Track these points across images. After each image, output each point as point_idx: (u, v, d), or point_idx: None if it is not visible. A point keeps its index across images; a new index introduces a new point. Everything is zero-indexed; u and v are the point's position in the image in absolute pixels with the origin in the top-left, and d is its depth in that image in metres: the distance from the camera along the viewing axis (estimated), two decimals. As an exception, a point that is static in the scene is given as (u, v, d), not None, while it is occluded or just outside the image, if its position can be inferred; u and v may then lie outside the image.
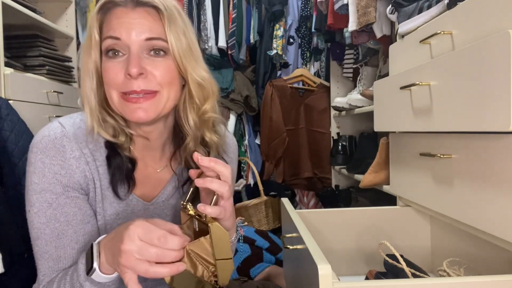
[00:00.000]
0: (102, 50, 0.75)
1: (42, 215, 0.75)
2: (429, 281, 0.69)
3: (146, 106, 0.74)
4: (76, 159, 0.76)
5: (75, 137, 0.77)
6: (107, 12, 0.75)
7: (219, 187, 0.70)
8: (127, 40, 0.73)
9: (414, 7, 1.16)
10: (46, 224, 0.75)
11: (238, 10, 2.73)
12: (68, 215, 0.76)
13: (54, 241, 0.76)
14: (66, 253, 0.76)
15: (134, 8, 0.74)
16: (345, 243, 1.23)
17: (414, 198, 1.15)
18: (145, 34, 0.73)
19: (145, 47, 0.74)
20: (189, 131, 0.81)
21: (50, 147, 0.75)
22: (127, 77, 0.72)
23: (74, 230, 0.77)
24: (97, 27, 0.75)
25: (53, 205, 0.75)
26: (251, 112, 2.87)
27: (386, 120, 1.26)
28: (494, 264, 0.92)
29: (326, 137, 2.52)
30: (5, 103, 1.46)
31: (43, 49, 2.03)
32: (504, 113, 0.70)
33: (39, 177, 0.75)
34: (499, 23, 0.77)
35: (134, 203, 0.83)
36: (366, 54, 2.07)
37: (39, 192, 0.75)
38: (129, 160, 0.81)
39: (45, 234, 0.75)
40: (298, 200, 2.76)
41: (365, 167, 1.67)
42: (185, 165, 0.86)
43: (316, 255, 0.71)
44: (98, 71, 0.76)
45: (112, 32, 0.73)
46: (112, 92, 0.75)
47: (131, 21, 0.73)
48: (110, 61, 0.74)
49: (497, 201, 0.77)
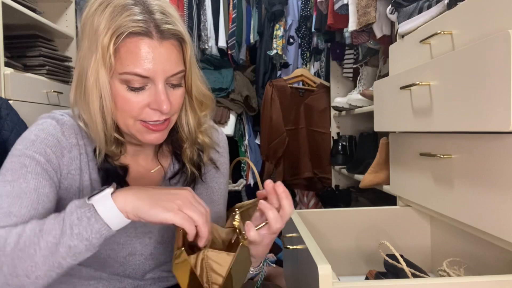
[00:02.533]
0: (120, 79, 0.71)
1: (10, 174, 0.71)
2: (429, 281, 0.70)
3: (162, 132, 0.76)
4: (71, 145, 0.77)
5: (73, 127, 0.78)
6: (129, 37, 0.69)
7: (273, 219, 0.70)
8: (155, 78, 0.71)
9: (414, 7, 1.16)
10: (10, 182, 0.70)
11: (238, 10, 2.73)
12: (39, 183, 0.71)
13: (12, 198, 0.69)
14: (20, 212, 0.69)
15: (161, 42, 0.70)
16: (345, 243, 1.23)
17: (414, 198, 1.15)
18: (172, 70, 0.72)
19: (167, 80, 0.73)
20: (187, 137, 0.84)
21: (50, 128, 0.76)
22: (153, 110, 0.73)
23: (38, 198, 0.71)
24: (112, 50, 0.68)
25: (27, 168, 0.71)
26: (251, 112, 2.87)
27: (386, 120, 1.26)
28: (494, 264, 0.92)
29: (326, 137, 2.52)
30: (5, 103, 1.46)
31: (43, 49, 2.03)
32: (504, 113, 0.70)
33: (26, 145, 0.73)
34: (499, 23, 0.77)
35: None
36: (366, 54, 2.07)
37: (18, 156, 0.72)
38: (119, 167, 0.80)
39: (3, 190, 0.70)
40: (298, 200, 2.76)
41: (365, 167, 1.67)
42: (174, 158, 0.88)
43: (316, 255, 0.71)
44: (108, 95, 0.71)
45: (140, 70, 0.69)
46: (128, 120, 0.74)
47: (160, 58, 0.70)
48: (132, 94, 0.71)
49: (497, 201, 0.77)
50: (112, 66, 0.69)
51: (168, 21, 0.71)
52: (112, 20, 0.68)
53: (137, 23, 0.68)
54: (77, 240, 0.62)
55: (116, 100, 0.72)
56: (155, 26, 0.70)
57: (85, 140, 0.79)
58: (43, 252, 0.62)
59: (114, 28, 0.68)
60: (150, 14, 0.70)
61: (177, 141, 0.85)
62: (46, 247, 0.62)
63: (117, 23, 0.68)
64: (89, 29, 0.71)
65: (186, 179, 0.87)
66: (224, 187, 0.95)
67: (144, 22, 0.69)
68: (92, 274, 0.83)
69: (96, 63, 0.69)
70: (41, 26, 2.07)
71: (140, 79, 0.70)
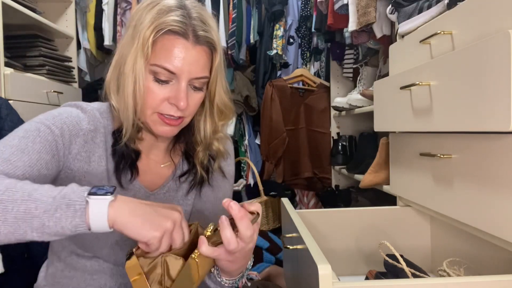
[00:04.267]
0: (149, 69, 0.78)
1: (22, 132, 0.75)
2: (429, 281, 0.70)
3: (174, 127, 0.82)
4: (89, 131, 0.82)
5: (93, 115, 0.84)
6: (167, 34, 0.77)
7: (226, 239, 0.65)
8: (180, 75, 0.78)
9: (414, 7, 1.16)
10: (19, 137, 0.73)
11: (238, 10, 2.73)
12: (44, 148, 0.74)
13: (15, 149, 0.71)
14: (17, 163, 0.70)
15: (195, 46, 0.78)
16: (345, 243, 1.23)
17: (414, 198, 1.14)
18: (197, 73, 0.79)
19: (190, 82, 0.80)
20: (202, 141, 0.89)
21: (73, 113, 0.81)
22: (171, 104, 0.79)
23: (37, 160, 0.73)
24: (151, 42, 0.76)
25: (40, 133, 0.75)
26: (251, 112, 2.87)
27: (386, 120, 1.26)
28: (494, 264, 0.92)
29: (326, 137, 2.52)
30: (5, 103, 1.46)
31: (43, 49, 2.03)
32: (504, 113, 0.70)
33: (47, 117, 0.79)
34: (499, 23, 0.77)
35: (137, 189, 0.86)
36: (366, 54, 2.07)
37: (36, 122, 0.77)
38: (133, 151, 0.85)
39: (11, 142, 0.73)
40: (298, 200, 2.76)
41: (365, 167, 1.67)
42: (185, 157, 0.92)
43: (316, 255, 0.71)
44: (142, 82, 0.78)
45: (169, 66, 0.77)
46: (147, 109, 0.80)
47: (189, 59, 0.77)
48: (156, 85, 0.78)
49: (497, 201, 0.77)
50: (149, 56, 0.76)
51: (205, 29, 0.79)
52: (157, 16, 0.77)
53: (177, 23, 0.76)
54: (53, 222, 0.61)
55: (144, 91, 0.78)
56: (192, 31, 0.77)
57: (105, 129, 0.84)
58: (18, 214, 0.60)
59: (156, 24, 0.76)
60: (191, 19, 0.78)
61: (191, 143, 0.91)
62: (23, 212, 0.61)
63: (160, 20, 0.76)
64: (136, 21, 0.79)
65: (193, 180, 0.91)
66: (229, 192, 0.99)
67: (184, 24, 0.77)
68: (96, 268, 0.85)
69: (136, 51, 0.76)
70: (41, 26, 2.07)
71: (167, 73, 0.77)
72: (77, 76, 2.41)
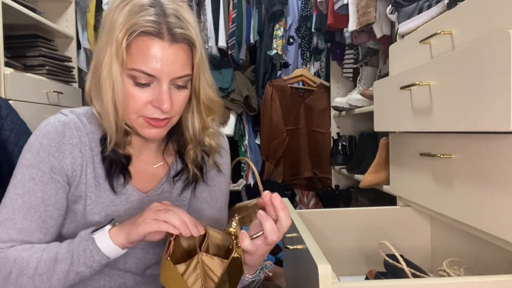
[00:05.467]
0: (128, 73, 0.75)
1: (21, 186, 0.78)
2: (429, 281, 0.69)
3: (161, 129, 0.80)
4: (72, 146, 0.80)
5: (76, 126, 0.82)
6: (140, 36, 0.73)
7: (269, 230, 0.69)
8: (160, 77, 0.75)
9: (414, 7, 1.16)
10: (21, 195, 0.77)
11: (238, 10, 2.73)
12: (46, 193, 0.78)
13: (24, 212, 0.77)
14: (31, 226, 0.77)
15: (171, 45, 0.74)
16: (345, 243, 1.23)
17: (414, 198, 1.14)
18: (178, 73, 0.76)
19: (172, 81, 0.77)
20: (192, 138, 0.87)
21: (52, 131, 0.80)
22: (155, 107, 0.76)
23: (45, 210, 0.78)
24: (125, 45, 0.73)
25: (35, 180, 0.78)
26: (251, 112, 2.87)
27: (386, 120, 1.26)
28: (494, 264, 0.92)
29: (326, 137, 2.52)
30: (5, 103, 1.46)
31: (43, 49, 2.03)
32: (504, 113, 0.70)
33: (32, 155, 0.79)
34: (499, 23, 0.76)
35: (130, 192, 0.86)
36: (366, 54, 2.07)
37: (27, 166, 0.78)
38: (123, 156, 0.83)
39: (16, 204, 0.77)
40: (298, 200, 2.76)
41: (365, 167, 1.67)
42: (178, 156, 0.91)
43: (316, 255, 0.71)
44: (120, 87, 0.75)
45: (147, 69, 0.73)
46: (131, 114, 0.78)
47: (168, 59, 0.74)
48: (137, 89, 0.76)
49: (497, 201, 0.77)
50: (124, 61, 0.74)
51: (181, 26, 0.75)
52: (129, 17, 0.73)
53: (150, 23, 0.72)
54: (83, 267, 0.74)
55: (126, 97, 0.76)
56: (167, 29, 0.73)
57: (89, 136, 0.83)
58: (58, 276, 0.74)
59: (128, 25, 0.73)
60: (165, 16, 0.74)
61: (183, 141, 0.88)
62: (60, 272, 0.74)
63: (132, 21, 0.73)
64: (108, 23, 0.76)
65: (187, 179, 0.90)
66: (225, 186, 0.97)
67: (157, 24, 0.73)
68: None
69: (110, 56, 0.73)
70: (41, 26, 2.07)
71: (146, 77, 0.74)
72: (77, 76, 2.41)
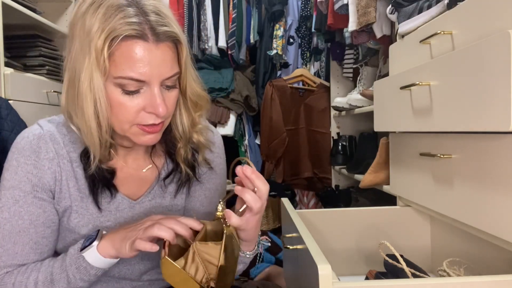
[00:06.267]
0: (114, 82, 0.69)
1: (6, 210, 0.76)
2: (429, 281, 0.69)
3: (157, 134, 0.77)
4: (49, 160, 0.77)
5: (52, 138, 0.78)
6: (124, 40, 0.67)
7: (251, 200, 0.70)
8: (150, 81, 0.70)
9: (414, 7, 1.16)
10: (8, 220, 0.76)
11: (238, 10, 2.73)
12: (33, 214, 0.77)
13: (14, 237, 0.76)
14: (23, 250, 0.77)
15: (157, 45, 0.69)
16: (345, 243, 1.23)
17: (414, 198, 1.14)
18: (167, 73, 0.71)
19: (163, 83, 0.73)
20: (182, 136, 0.83)
21: (27, 147, 0.77)
22: (149, 113, 0.72)
23: (36, 231, 0.77)
24: (107, 54, 0.67)
25: (19, 202, 0.76)
26: (251, 112, 2.87)
27: (386, 120, 1.26)
28: (494, 264, 0.92)
29: (326, 137, 2.52)
30: (5, 103, 1.46)
31: (43, 49, 2.03)
32: (504, 113, 0.70)
33: (11, 174, 0.76)
34: (499, 23, 0.76)
35: (119, 201, 0.82)
36: (366, 54, 2.07)
37: (8, 189, 0.76)
38: (106, 170, 0.79)
39: (4, 229, 0.76)
40: (298, 200, 2.76)
41: (365, 167, 1.67)
42: (168, 157, 0.88)
43: (316, 255, 0.71)
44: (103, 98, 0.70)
45: (136, 75, 0.68)
46: (124, 124, 0.73)
47: (156, 61, 0.69)
48: (127, 97, 0.70)
49: (497, 201, 0.77)
50: (107, 70, 0.67)
51: (164, 23, 0.69)
52: (106, 21, 0.66)
53: (132, 25, 0.66)
54: (81, 282, 0.75)
55: (111, 105, 0.71)
56: (150, 29, 0.68)
57: (68, 147, 0.79)
58: None
59: (108, 31, 0.66)
60: (145, 15, 0.68)
61: (171, 141, 0.85)
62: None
63: (111, 25, 0.66)
64: (80, 30, 0.69)
65: (180, 179, 0.86)
66: (220, 187, 0.94)
67: (139, 25, 0.67)
68: None
69: (90, 67, 0.67)
70: (41, 26, 2.07)
71: (135, 83, 0.69)
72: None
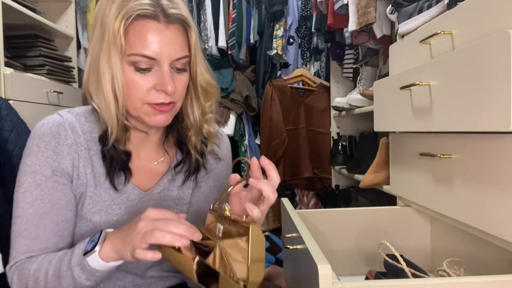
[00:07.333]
0: (128, 60, 0.75)
1: (29, 194, 0.79)
2: (429, 281, 0.69)
3: (167, 114, 0.80)
4: (68, 146, 0.80)
5: (70, 127, 0.81)
6: (136, 20, 0.74)
7: (269, 191, 0.72)
8: (160, 60, 0.76)
9: (414, 7, 1.16)
10: (31, 204, 0.78)
11: (238, 10, 2.73)
12: (54, 198, 0.79)
13: (36, 220, 0.79)
14: (45, 233, 0.79)
15: (168, 26, 0.75)
16: (345, 243, 1.23)
17: (414, 198, 1.14)
18: (177, 54, 0.77)
19: (172, 64, 0.78)
20: (193, 124, 0.87)
21: (47, 133, 0.80)
22: (158, 91, 0.77)
23: (57, 214, 0.80)
24: (122, 31, 0.74)
25: (41, 186, 0.79)
26: (251, 112, 2.87)
27: (386, 120, 1.26)
28: (494, 264, 0.92)
29: (326, 137, 2.52)
30: (5, 103, 1.46)
31: (43, 49, 2.03)
32: (504, 113, 0.70)
33: (32, 159, 0.79)
34: (499, 23, 0.76)
35: (130, 191, 0.85)
36: (366, 54, 2.07)
37: (30, 173, 0.79)
38: (123, 152, 0.83)
39: (27, 213, 0.79)
40: (298, 200, 2.76)
41: (365, 167, 1.67)
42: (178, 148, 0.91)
43: (316, 255, 0.70)
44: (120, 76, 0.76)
45: (147, 52, 0.74)
46: (137, 102, 0.78)
47: (166, 41, 0.75)
48: (138, 75, 0.76)
49: (497, 201, 0.77)
50: (123, 47, 0.74)
51: (174, 7, 0.76)
52: (123, 5, 0.74)
53: (145, 6, 0.74)
54: (88, 282, 0.75)
55: (125, 82, 0.76)
56: (161, 10, 0.75)
57: (86, 135, 0.82)
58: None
59: (123, 12, 0.74)
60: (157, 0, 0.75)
61: (183, 130, 0.88)
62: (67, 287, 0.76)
63: (127, 7, 0.74)
64: (101, 18, 0.76)
65: (188, 169, 0.90)
66: (226, 173, 0.97)
67: (152, 6, 0.74)
68: None
69: (108, 45, 0.74)
70: (41, 26, 2.07)
71: (147, 61, 0.75)
72: (77, 76, 2.41)
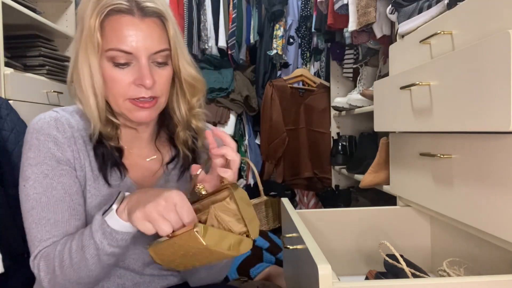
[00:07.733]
0: (106, 56, 0.76)
1: (39, 185, 0.78)
2: (429, 281, 0.70)
3: (150, 110, 0.80)
4: (67, 139, 0.81)
5: (67, 122, 0.82)
6: (111, 15, 0.75)
7: (233, 154, 0.76)
8: (137, 54, 0.76)
9: (414, 7, 1.16)
10: (43, 193, 0.78)
11: (238, 10, 2.73)
12: (65, 185, 0.79)
13: (52, 206, 0.78)
14: (64, 217, 0.78)
15: (143, 19, 0.76)
16: (345, 243, 1.23)
17: (414, 198, 1.15)
18: (154, 48, 0.77)
19: (151, 58, 0.78)
20: (180, 120, 0.87)
21: (45, 127, 0.80)
22: (138, 86, 0.77)
23: (71, 199, 0.79)
24: (98, 28, 0.75)
25: (49, 175, 0.78)
26: (251, 112, 2.87)
27: (386, 120, 1.26)
28: (494, 264, 0.92)
29: (326, 137, 2.52)
30: (5, 103, 1.46)
31: (43, 49, 2.03)
32: (504, 113, 0.70)
33: (35, 152, 0.79)
34: (499, 23, 0.77)
35: (129, 185, 0.85)
36: (366, 54, 2.07)
37: (35, 165, 0.79)
38: (115, 148, 0.83)
39: (41, 202, 0.78)
40: (298, 200, 2.76)
41: (365, 167, 1.67)
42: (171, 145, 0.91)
43: (316, 255, 0.71)
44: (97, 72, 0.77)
45: (123, 46, 0.75)
46: (118, 99, 0.78)
47: (142, 34, 0.75)
48: (117, 70, 0.77)
49: (497, 201, 0.77)
50: (99, 44, 0.75)
51: (149, 0, 0.76)
52: (98, 1, 0.75)
53: (119, 1, 0.74)
54: (110, 248, 0.73)
55: (105, 79, 0.77)
56: (136, 4, 0.75)
57: (81, 131, 0.83)
58: (91, 261, 0.73)
59: (98, 8, 0.74)
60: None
61: (172, 127, 0.89)
62: (91, 258, 0.73)
63: (101, 3, 0.75)
64: (81, 16, 0.78)
65: (182, 165, 0.90)
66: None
67: (126, 0, 0.75)
68: None
69: (85, 42, 0.75)
70: (41, 26, 2.07)
71: (124, 55, 0.75)
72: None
